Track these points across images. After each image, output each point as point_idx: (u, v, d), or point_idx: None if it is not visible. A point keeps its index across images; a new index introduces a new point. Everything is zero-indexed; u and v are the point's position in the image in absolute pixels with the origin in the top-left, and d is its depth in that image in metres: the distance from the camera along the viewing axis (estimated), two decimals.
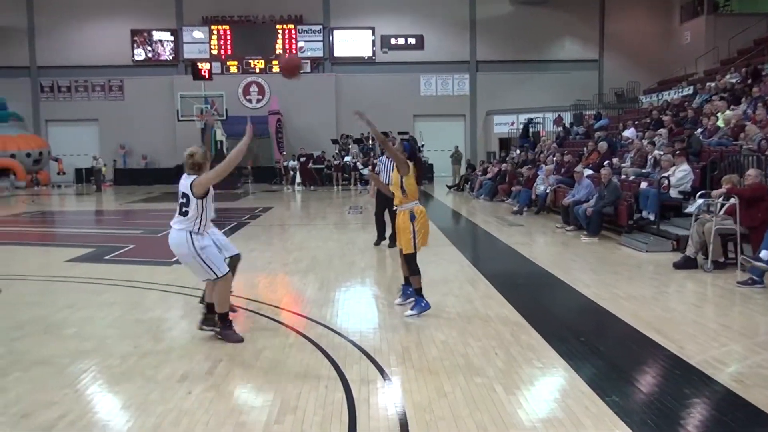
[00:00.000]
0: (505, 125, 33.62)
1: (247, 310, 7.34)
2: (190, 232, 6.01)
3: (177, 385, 5.04)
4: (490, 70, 35.31)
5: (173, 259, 10.80)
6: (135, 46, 34.83)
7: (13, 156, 30.93)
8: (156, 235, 14.69)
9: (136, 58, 34.97)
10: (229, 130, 31.22)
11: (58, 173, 33.81)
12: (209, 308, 6.31)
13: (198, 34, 34.44)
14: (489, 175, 22.99)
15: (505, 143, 32.60)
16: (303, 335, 6.38)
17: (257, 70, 34.70)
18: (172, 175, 31.44)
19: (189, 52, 34.39)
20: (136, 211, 20.82)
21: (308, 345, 6.06)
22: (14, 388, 5.02)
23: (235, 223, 16.11)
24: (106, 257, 11.33)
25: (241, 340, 6.15)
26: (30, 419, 4.42)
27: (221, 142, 30.76)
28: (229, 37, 34.51)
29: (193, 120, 30.51)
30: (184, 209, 6.03)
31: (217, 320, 6.25)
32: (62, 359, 5.74)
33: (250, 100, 34.39)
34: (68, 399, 4.85)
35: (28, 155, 31.67)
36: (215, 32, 34.47)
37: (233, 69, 34.65)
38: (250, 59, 34.55)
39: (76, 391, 5.04)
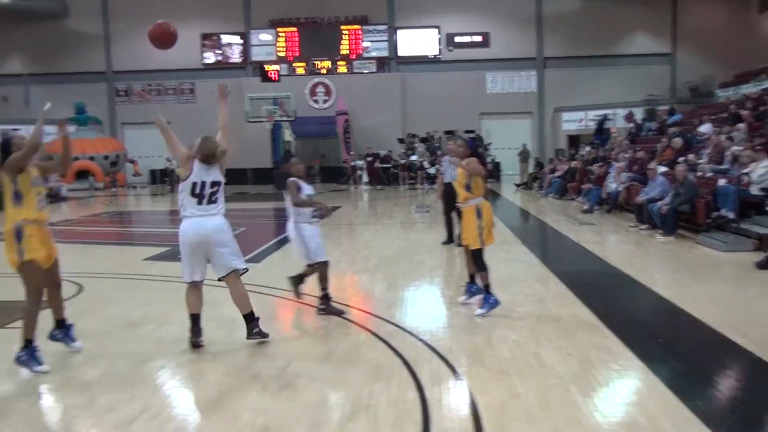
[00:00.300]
0: (574, 122, 33.01)
1: (318, 308, 7.39)
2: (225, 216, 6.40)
3: (251, 382, 5.12)
4: (558, 66, 34.72)
5: (245, 258, 11.06)
6: (205, 49, 35.61)
7: (92, 159, 32.05)
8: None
9: (207, 61, 35.75)
10: (297, 131, 31.65)
11: (134, 174, 34.86)
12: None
13: (265, 36, 34.98)
14: (558, 173, 22.61)
15: (573, 140, 32.01)
16: (374, 334, 6.39)
17: (324, 71, 35.02)
18: (269, 175, 32.03)
19: (257, 55, 34.97)
20: None
21: (379, 343, 6.07)
22: (99, 383, 5.19)
23: None
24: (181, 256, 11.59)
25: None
26: (113, 413, 4.56)
27: (289, 142, 31.22)
28: (296, 39, 34.93)
29: (262, 121, 30.99)
30: (214, 197, 6.35)
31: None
32: (142, 355, 5.90)
33: (316, 101, 34.72)
34: (148, 394, 4.99)
35: (106, 158, 32.78)
36: (282, 34, 34.95)
37: (300, 70, 35.06)
38: (317, 60, 34.91)
39: (156, 387, 5.18)
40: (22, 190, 5.46)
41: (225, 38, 35.64)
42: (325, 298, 7.29)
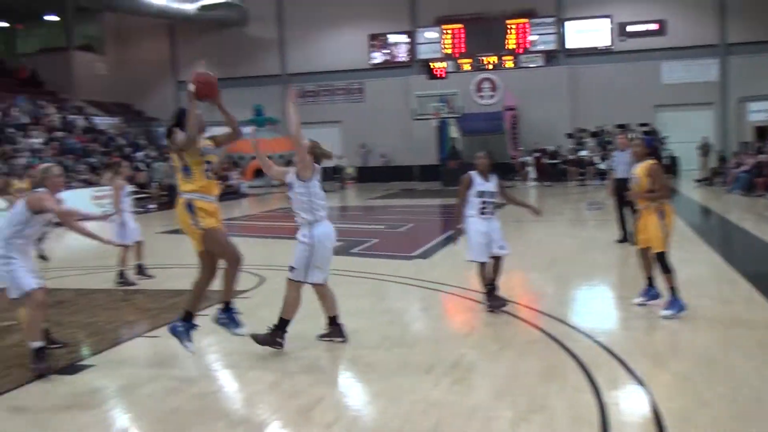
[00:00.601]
0: (763, 112, 30.41)
1: (487, 305, 7.34)
2: None
3: (424, 376, 5.19)
4: (743, 53, 32.08)
5: (414, 254, 11.25)
6: (373, 49, 36.47)
7: (269, 157, 33.83)
8: (397, 230, 15.31)
9: (374, 61, 36.59)
10: (463, 127, 31.61)
11: None
12: None
13: (431, 34, 35.22)
14: (744, 168, 20.96)
15: (762, 132, 29.50)
16: (546, 333, 6.25)
17: (490, 67, 34.74)
18: (435, 172, 32.49)
19: (423, 53, 35.28)
20: (377, 207, 21.83)
21: (552, 344, 5.93)
22: (279, 370, 5.47)
23: None
24: (352, 250, 11.99)
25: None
26: (296, 398, 4.81)
27: (455, 139, 31.28)
28: (461, 35, 34.90)
29: (428, 118, 31.27)
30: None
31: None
32: (318, 346, 6.17)
33: (482, 97, 34.50)
34: (324, 384, 5.20)
35: (281, 156, 34.48)
36: (448, 32, 35.03)
37: (466, 66, 34.97)
38: (483, 56, 34.67)
39: (334, 374, 5.39)
40: (191, 164, 5.54)
41: (392, 38, 36.28)
42: (489, 294, 7.23)
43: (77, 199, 21.51)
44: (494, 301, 7.15)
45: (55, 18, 37.37)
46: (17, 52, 37.72)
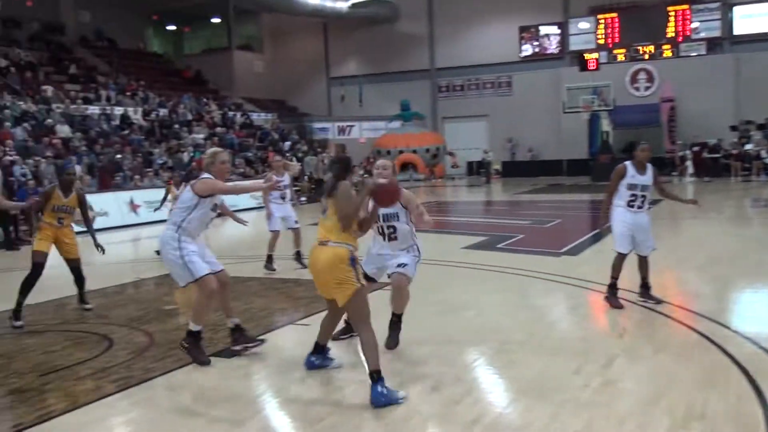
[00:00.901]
0: None
1: (643, 306, 7.01)
2: None
3: (573, 376, 5.01)
4: None
5: (561, 250, 10.95)
6: (523, 42, 35.77)
7: (414, 151, 34.19)
8: (544, 225, 14.96)
9: (524, 54, 35.90)
10: (615, 120, 30.37)
11: (452, 166, 36.35)
12: None
13: (584, 24, 34.04)
14: None
15: None
16: (705, 336, 5.86)
17: (646, 57, 33.11)
18: (585, 166, 31.75)
19: (575, 44, 34.17)
20: (524, 203, 21.44)
21: (712, 348, 5.55)
22: (424, 363, 5.48)
23: None
24: (499, 245, 11.85)
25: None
26: (440, 392, 4.79)
27: (606, 132, 30.11)
28: (616, 25, 33.49)
29: (579, 111, 30.29)
30: None
31: None
32: (465, 339, 6.13)
33: (637, 88, 32.95)
34: (471, 377, 5.16)
35: (427, 150, 34.70)
36: (602, 21, 33.73)
37: (620, 57, 33.52)
38: (639, 46, 33.09)
39: (478, 370, 5.34)
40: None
41: (543, 29, 35.44)
42: (612, 287, 7.08)
43: None
44: (614, 299, 7.03)
45: (217, 20, 39.62)
46: (184, 54, 40.33)
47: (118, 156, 21.47)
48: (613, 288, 7.06)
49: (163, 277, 10.12)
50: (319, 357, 5.35)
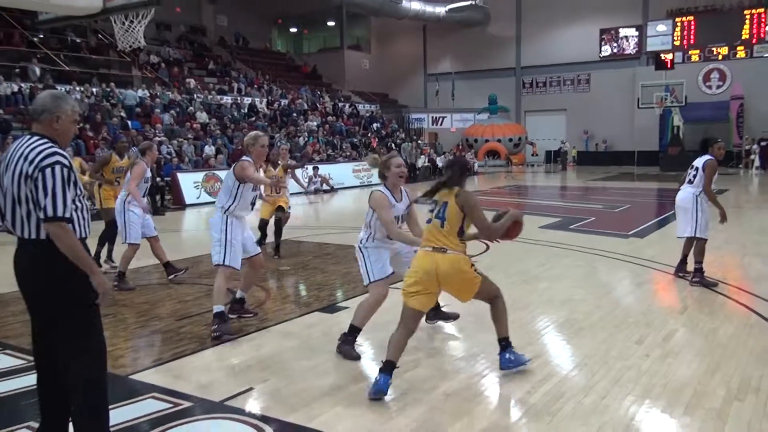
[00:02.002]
0: None
1: (703, 286, 6.66)
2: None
3: (634, 346, 4.84)
4: None
5: (630, 232, 10.53)
6: (602, 43, 34.34)
7: (499, 141, 33.67)
8: (614, 210, 14.43)
9: (603, 54, 34.48)
10: (686, 116, 28.84)
11: (532, 155, 35.62)
12: None
13: (662, 27, 32.29)
14: None
15: None
16: (765, 318, 5.52)
17: (720, 57, 31.12)
18: (655, 157, 30.61)
19: (652, 45, 32.42)
20: (596, 189, 20.73)
21: None
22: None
23: None
24: (571, 226, 11.52)
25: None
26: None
27: (677, 127, 28.63)
28: (693, 27, 31.59)
29: (652, 107, 28.89)
30: None
31: None
32: (537, 308, 6.01)
33: (710, 87, 31.07)
34: (541, 342, 5.06)
35: (510, 140, 34.09)
36: (679, 24, 31.90)
37: (694, 57, 31.64)
38: (713, 47, 31.13)
39: (548, 336, 5.23)
40: (466, 229, 4.22)
41: (622, 31, 33.89)
42: (699, 271, 6.79)
43: (341, 171, 23.09)
44: (704, 280, 6.73)
45: (332, 23, 40.05)
46: (303, 52, 41.04)
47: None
48: (701, 272, 6.78)
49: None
50: (386, 376, 3.98)
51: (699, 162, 6.93)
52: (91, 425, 3.02)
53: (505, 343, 4.33)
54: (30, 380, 4.19)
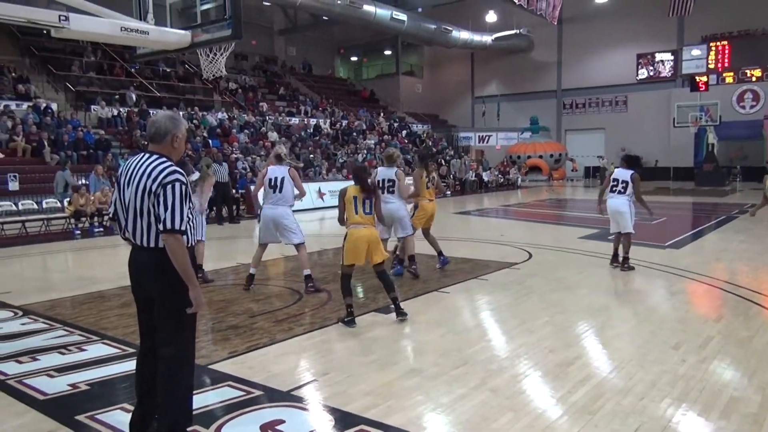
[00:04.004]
0: None
1: (738, 296, 6.35)
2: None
3: (671, 351, 4.64)
4: None
5: (666, 243, 10.15)
6: (639, 67, 33.40)
7: (540, 157, 33.09)
8: (650, 222, 13.94)
9: (640, 77, 33.53)
10: (720, 134, 27.72)
11: (572, 170, 34.83)
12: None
13: (696, 51, 31.18)
14: None
15: None
16: None
17: (753, 79, 29.80)
18: (690, 173, 29.65)
19: (687, 68, 31.34)
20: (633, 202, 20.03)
21: None
22: (542, 330, 5.28)
23: (724, 217, 14.21)
24: (609, 237, 11.12)
25: None
26: (555, 354, 4.60)
27: (712, 144, 27.53)
28: (727, 51, 30.38)
29: (687, 126, 27.87)
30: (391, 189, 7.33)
31: None
32: (576, 313, 5.84)
33: (743, 107, 29.76)
34: (580, 345, 4.91)
35: (551, 156, 33.46)
36: (713, 48, 30.74)
37: (729, 79, 30.40)
38: (747, 69, 29.84)
39: (587, 339, 5.07)
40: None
41: (658, 56, 32.89)
42: (627, 260, 7.59)
43: None
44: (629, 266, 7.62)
45: (389, 52, 40.32)
46: (362, 78, 41.42)
47: (311, 156, 22.48)
48: (628, 260, 7.75)
49: (340, 248, 10.50)
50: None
51: (624, 175, 7.94)
52: (180, 400, 3.10)
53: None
54: (123, 367, 4.35)
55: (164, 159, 3.05)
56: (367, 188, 5.49)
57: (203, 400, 3.72)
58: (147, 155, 3.09)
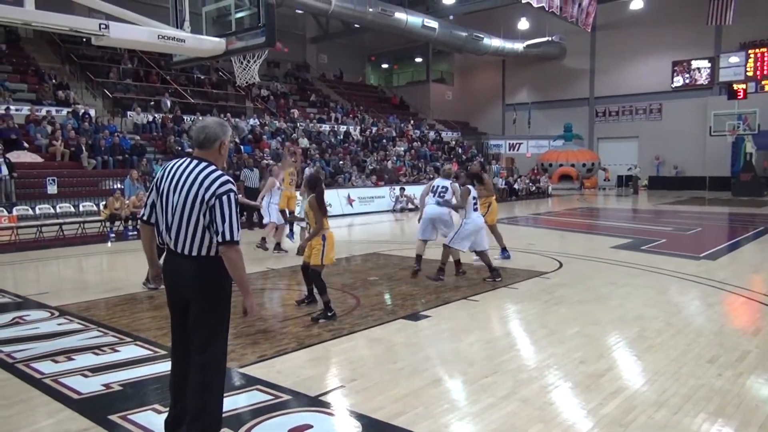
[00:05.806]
0: None
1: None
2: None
3: (707, 365, 4.52)
4: None
5: (701, 255, 9.91)
6: (675, 74, 32.79)
7: (572, 165, 32.67)
8: (685, 232, 13.65)
9: (675, 84, 32.91)
10: (759, 144, 27.00)
11: (605, 179, 34.30)
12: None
13: (734, 59, 30.46)
14: None
15: None
16: None
17: None
18: (726, 183, 29.03)
19: (724, 76, 30.61)
20: (667, 212, 19.68)
21: None
22: (572, 340, 5.20)
23: (762, 228, 13.81)
24: (643, 247, 10.97)
25: None
26: (586, 365, 4.52)
27: (750, 154, 26.82)
28: (765, 58, 29.61)
29: (724, 135, 27.23)
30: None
31: None
32: (608, 324, 5.74)
33: None
34: (612, 357, 4.82)
35: (584, 165, 33.00)
36: (752, 55, 30.00)
37: (767, 87, 29.66)
38: None
39: (619, 351, 4.97)
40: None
41: (694, 63, 32.23)
42: (441, 271, 7.84)
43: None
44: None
45: (419, 59, 40.38)
46: (392, 85, 41.56)
47: (341, 162, 22.59)
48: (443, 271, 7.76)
49: (368, 255, 10.53)
50: None
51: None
52: (212, 401, 3.11)
53: None
54: (155, 368, 4.43)
55: (214, 167, 3.01)
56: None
57: (233, 403, 3.76)
58: (195, 161, 3.05)
